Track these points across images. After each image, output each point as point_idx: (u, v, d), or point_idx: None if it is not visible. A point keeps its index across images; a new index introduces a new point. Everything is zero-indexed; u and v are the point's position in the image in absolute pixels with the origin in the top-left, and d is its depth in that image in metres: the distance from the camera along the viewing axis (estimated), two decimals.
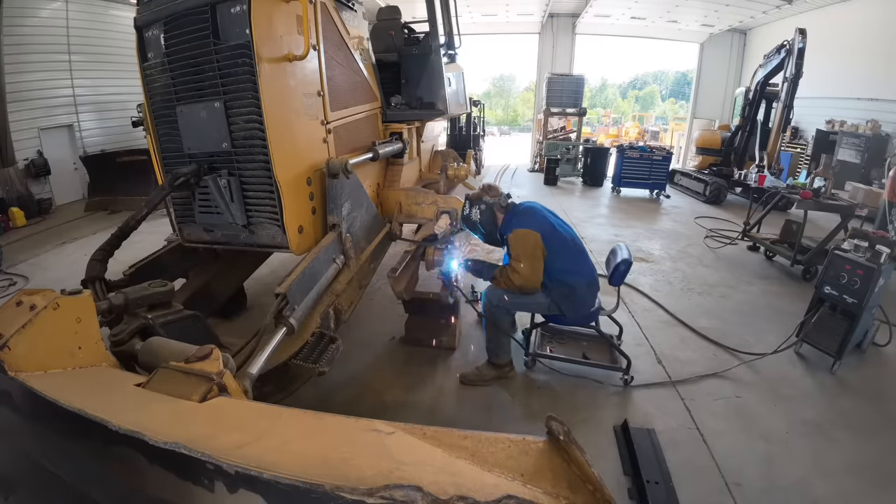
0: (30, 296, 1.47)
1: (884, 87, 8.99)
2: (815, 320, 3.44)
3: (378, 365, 3.38)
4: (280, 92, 2.37)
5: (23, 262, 5.66)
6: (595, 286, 3.02)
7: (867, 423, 2.81)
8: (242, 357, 1.95)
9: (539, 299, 2.95)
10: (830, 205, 5.07)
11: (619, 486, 2.27)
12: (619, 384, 3.11)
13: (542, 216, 3.00)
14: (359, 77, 3.30)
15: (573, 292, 2.91)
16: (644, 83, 52.80)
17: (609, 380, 3.14)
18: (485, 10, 13.68)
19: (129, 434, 0.95)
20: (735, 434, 2.70)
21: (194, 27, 2.25)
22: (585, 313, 3.01)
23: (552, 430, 0.92)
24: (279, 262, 4.55)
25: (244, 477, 0.83)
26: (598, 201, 9.60)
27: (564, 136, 13.42)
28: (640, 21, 14.00)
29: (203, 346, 1.41)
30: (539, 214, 3.01)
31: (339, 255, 2.67)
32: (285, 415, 1.14)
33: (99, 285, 2.25)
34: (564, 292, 2.90)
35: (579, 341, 3.48)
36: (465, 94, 5.64)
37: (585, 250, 3.06)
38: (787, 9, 11.19)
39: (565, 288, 2.89)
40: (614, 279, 3.14)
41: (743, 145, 9.40)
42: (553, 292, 2.91)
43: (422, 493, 0.76)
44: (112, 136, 9.37)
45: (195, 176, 2.42)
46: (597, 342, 3.41)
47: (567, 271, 2.88)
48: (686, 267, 5.52)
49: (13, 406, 1.29)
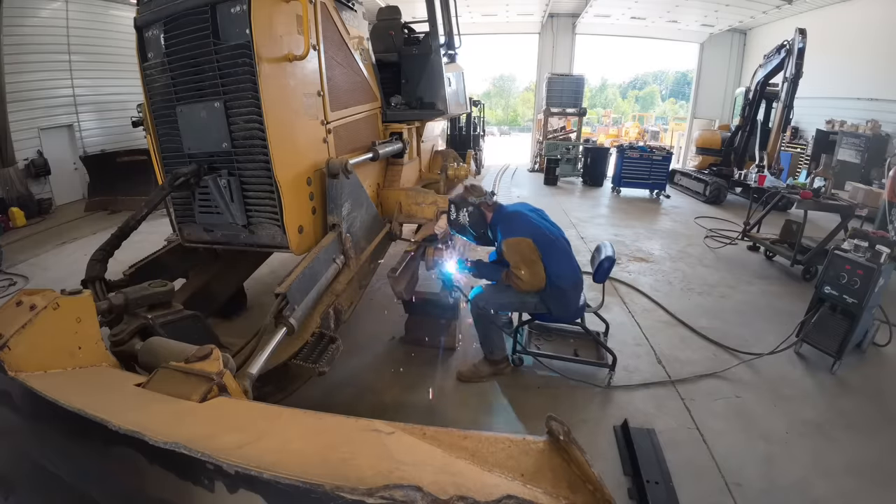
0: (30, 296, 1.47)
1: (884, 87, 8.99)
2: (815, 320, 3.44)
3: (378, 365, 3.38)
4: (280, 92, 2.37)
5: (23, 262, 5.65)
6: (580, 285, 3.07)
7: (867, 423, 2.80)
8: (242, 357, 1.96)
9: (527, 298, 2.97)
10: (830, 205, 5.07)
11: (619, 486, 2.27)
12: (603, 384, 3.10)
13: (528, 221, 2.99)
14: (359, 77, 3.30)
15: (561, 293, 2.94)
16: (644, 83, 52.80)
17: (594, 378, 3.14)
18: (485, 10, 13.68)
19: (129, 434, 0.95)
20: (735, 434, 2.70)
21: (194, 27, 2.25)
22: (571, 311, 3.06)
23: (552, 430, 0.92)
24: (279, 262, 4.54)
25: (244, 477, 0.83)
26: (598, 201, 9.60)
27: (564, 136, 13.42)
28: (640, 21, 14.00)
29: (203, 346, 1.41)
30: (526, 219, 3.00)
31: (339, 255, 2.67)
32: (285, 415, 1.14)
33: (99, 285, 2.25)
34: (552, 293, 2.93)
35: (566, 338, 3.52)
36: (465, 94, 5.63)
37: (571, 250, 3.09)
38: (787, 9, 11.19)
39: (553, 289, 2.92)
40: (598, 276, 3.18)
41: (743, 145, 9.40)
42: (542, 292, 2.94)
43: (422, 493, 0.76)
44: (112, 136, 9.37)
45: (195, 176, 2.42)
46: (584, 339, 3.44)
47: (554, 273, 2.90)
48: (686, 267, 5.51)
49: (13, 406, 1.29)
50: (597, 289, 3.47)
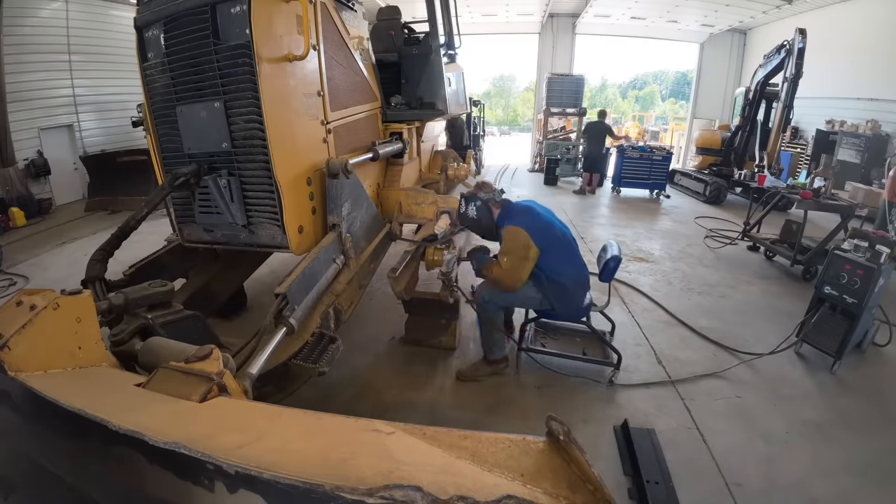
0: (30, 296, 1.46)
1: (884, 87, 8.99)
2: (815, 320, 3.44)
3: (378, 365, 3.38)
4: (280, 92, 2.37)
5: (23, 262, 5.65)
6: (585, 284, 3.06)
7: (867, 423, 2.81)
8: (242, 357, 1.95)
9: (530, 293, 2.98)
10: (830, 205, 5.07)
11: (619, 486, 2.27)
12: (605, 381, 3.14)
13: (535, 214, 3.02)
14: (359, 77, 3.30)
15: (563, 289, 2.94)
16: (644, 83, 52.81)
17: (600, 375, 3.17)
18: (485, 10, 13.66)
19: (129, 434, 0.95)
20: (735, 434, 2.70)
21: (194, 27, 2.25)
22: (576, 309, 3.06)
23: (552, 430, 0.92)
24: (279, 262, 4.54)
25: (244, 477, 0.83)
26: (598, 201, 9.60)
27: (564, 136, 13.41)
28: (640, 21, 13.98)
29: (203, 346, 1.41)
30: (533, 212, 3.03)
31: (339, 255, 2.67)
32: (285, 415, 1.14)
33: (99, 285, 2.25)
34: (555, 289, 2.93)
35: (572, 337, 3.52)
36: (465, 94, 5.64)
37: (577, 249, 3.09)
38: (787, 9, 11.19)
39: (556, 285, 2.92)
40: (605, 276, 3.20)
41: (743, 145, 9.40)
42: (544, 288, 2.95)
43: (422, 493, 0.76)
44: (112, 136, 9.37)
45: (195, 176, 2.42)
46: (589, 338, 3.45)
47: (557, 269, 2.90)
48: (686, 267, 5.51)
49: (13, 406, 1.29)
50: (603, 288, 3.51)
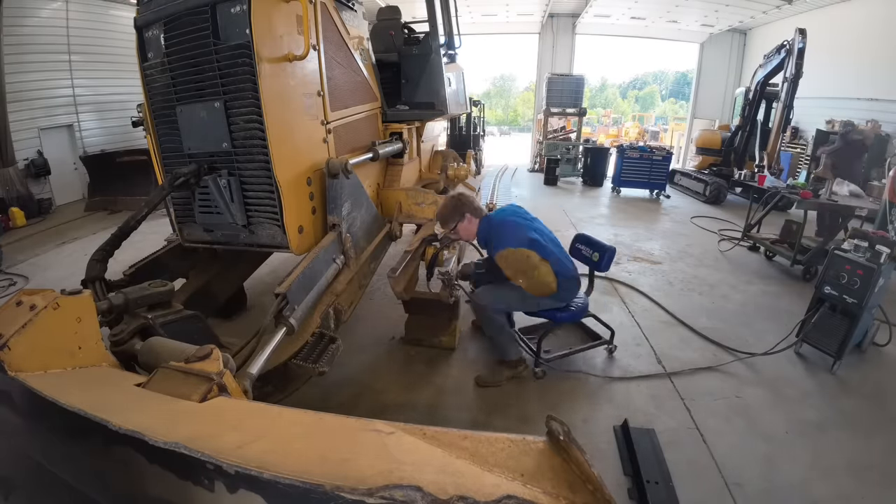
0: (30, 296, 1.46)
1: (884, 87, 8.98)
2: (815, 320, 3.44)
3: (378, 365, 3.38)
4: (280, 92, 2.37)
5: (23, 262, 5.65)
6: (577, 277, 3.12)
7: (867, 423, 2.80)
8: (242, 357, 1.96)
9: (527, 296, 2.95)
10: (830, 205, 5.06)
11: (619, 486, 2.27)
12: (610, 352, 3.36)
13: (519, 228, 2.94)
14: (359, 77, 3.30)
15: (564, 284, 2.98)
16: (644, 83, 52.83)
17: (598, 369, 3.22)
18: (485, 10, 13.66)
19: (129, 434, 0.95)
20: (735, 434, 2.70)
21: (194, 27, 2.25)
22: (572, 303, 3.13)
23: (552, 430, 0.92)
24: (279, 262, 4.54)
25: (244, 477, 0.83)
26: (598, 201, 9.60)
27: (564, 136, 13.41)
28: (640, 21, 13.98)
29: (203, 346, 1.41)
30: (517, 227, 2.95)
31: (339, 255, 2.67)
32: (285, 415, 1.14)
33: (99, 285, 2.25)
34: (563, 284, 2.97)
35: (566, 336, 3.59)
36: (465, 94, 5.64)
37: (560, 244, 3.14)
38: (787, 9, 11.19)
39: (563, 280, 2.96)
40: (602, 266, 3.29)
41: (743, 145, 9.40)
42: None
43: (422, 493, 0.76)
44: (112, 136, 9.36)
45: (195, 176, 2.42)
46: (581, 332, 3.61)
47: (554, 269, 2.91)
48: (686, 267, 5.51)
49: (13, 406, 1.29)
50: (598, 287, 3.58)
